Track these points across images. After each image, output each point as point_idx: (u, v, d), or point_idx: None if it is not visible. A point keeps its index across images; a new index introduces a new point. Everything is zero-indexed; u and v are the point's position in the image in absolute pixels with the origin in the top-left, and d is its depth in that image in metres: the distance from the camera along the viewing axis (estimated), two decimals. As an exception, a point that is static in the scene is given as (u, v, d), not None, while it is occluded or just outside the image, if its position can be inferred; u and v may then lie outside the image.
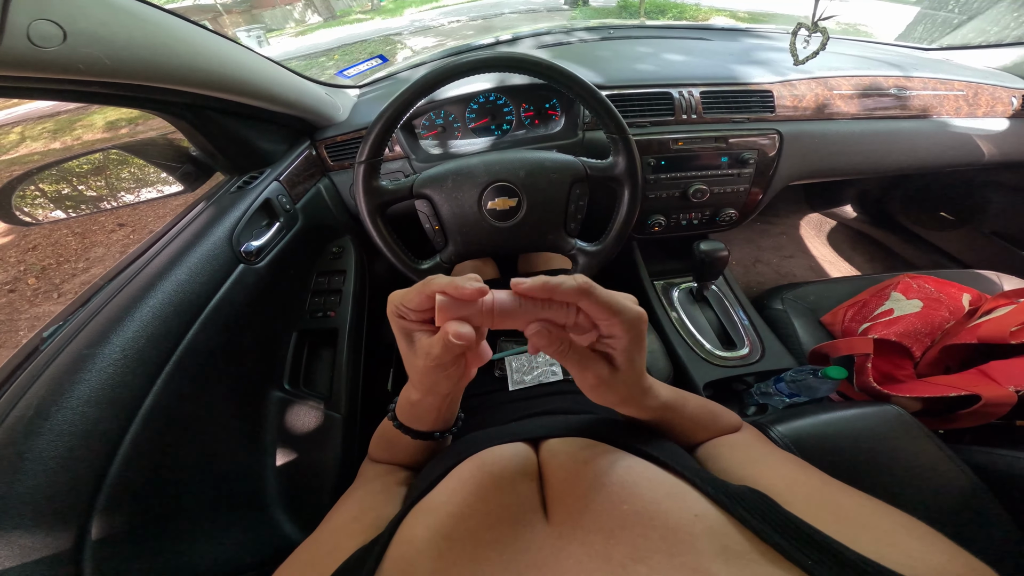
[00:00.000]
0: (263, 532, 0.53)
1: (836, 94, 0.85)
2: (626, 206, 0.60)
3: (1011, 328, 0.63)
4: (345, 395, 0.71)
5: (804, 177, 0.91)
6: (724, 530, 0.22)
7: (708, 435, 0.37)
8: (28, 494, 0.34)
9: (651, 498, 0.25)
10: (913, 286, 0.82)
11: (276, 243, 0.68)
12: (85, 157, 0.73)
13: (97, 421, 0.39)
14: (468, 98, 0.85)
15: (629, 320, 0.26)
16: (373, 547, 0.26)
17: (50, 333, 0.46)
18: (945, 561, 0.20)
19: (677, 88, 0.81)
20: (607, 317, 0.26)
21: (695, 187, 0.83)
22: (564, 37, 1.12)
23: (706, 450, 0.36)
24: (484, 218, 0.59)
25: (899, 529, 0.23)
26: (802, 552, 0.20)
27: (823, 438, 0.51)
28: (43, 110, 6.44)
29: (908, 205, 1.45)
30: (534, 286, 0.26)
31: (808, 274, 1.50)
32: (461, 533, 0.25)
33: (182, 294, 0.51)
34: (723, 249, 0.76)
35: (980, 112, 0.92)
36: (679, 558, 0.21)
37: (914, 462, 0.48)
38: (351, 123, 0.84)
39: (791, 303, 0.90)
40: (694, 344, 0.85)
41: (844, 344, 0.75)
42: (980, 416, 0.60)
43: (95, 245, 2.85)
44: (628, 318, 0.26)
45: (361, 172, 0.56)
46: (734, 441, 0.36)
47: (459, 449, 0.35)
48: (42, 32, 0.35)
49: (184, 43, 0.50)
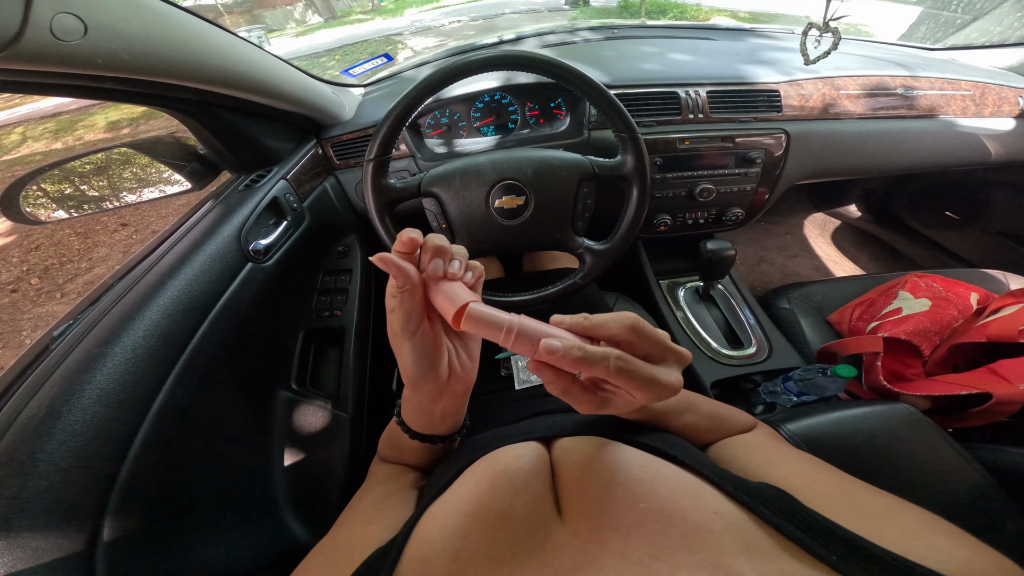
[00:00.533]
0: (272, 532, 0.53)
1: (843, 94, 0.85)
2: (635, 205, 0.60)
3: (1020, 327, 0.63)
4: (352, 395, 0.71)
5: (811, 177, 0.91)
6: (745, 527, 0.22)
7: (720, 435, 0.37)
8: (41, 495, 0.34)
9: (668, 496, 0.25)
10: (921, 285, 0.82)
11: (283, 242, 0.68)
12: (90, 156, 0.73)
13: (109, 421, 0.39)
14: (473, 97, 0.85)
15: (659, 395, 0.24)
16: (390, 548, 0.26)
17: (60, 332, 0.46)
18: (972, 556, 0.20)
19: (683, 88, 0.81)
20: (637, 388, 0.23)
21: (701, 186, 0.83)
22: (568, 37, 1.12)
23: (720, 450, 0.36)
24: (491, 216, 0.59)
25: (923, 525, 0.23)
26: (827, 548, 0.20)
27: (835, 436, 0.51)
28: (44, 110, 6.45)
29: (913, 204, 1.45)
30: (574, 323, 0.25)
31: (813, 273, 1.50)
32: (476, 533, 0.25)
33: (192, 292, 0.51)
34: (730, 248, 0.76)
35: (987, 112, 0.92)
36: (701, 555, 0.21)
37: (927, 460, 0.48)
38: (357, 122, 0.84)
39: (797, 302, 0.90)
40: (700, 343, 0.84)
41: (854, 343, 0.75)
42: (990, 415, 0.60)
43: (98, 245, 2.86)
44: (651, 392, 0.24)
45: (370, 170, 0.56)
46: (749, 440, 0.36)
47: (471, 449, 0.35)
48: (64, 25, 0.35)
49: (198, 39, 0.49)
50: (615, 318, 0.25)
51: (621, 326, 0.24)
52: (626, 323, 0.24)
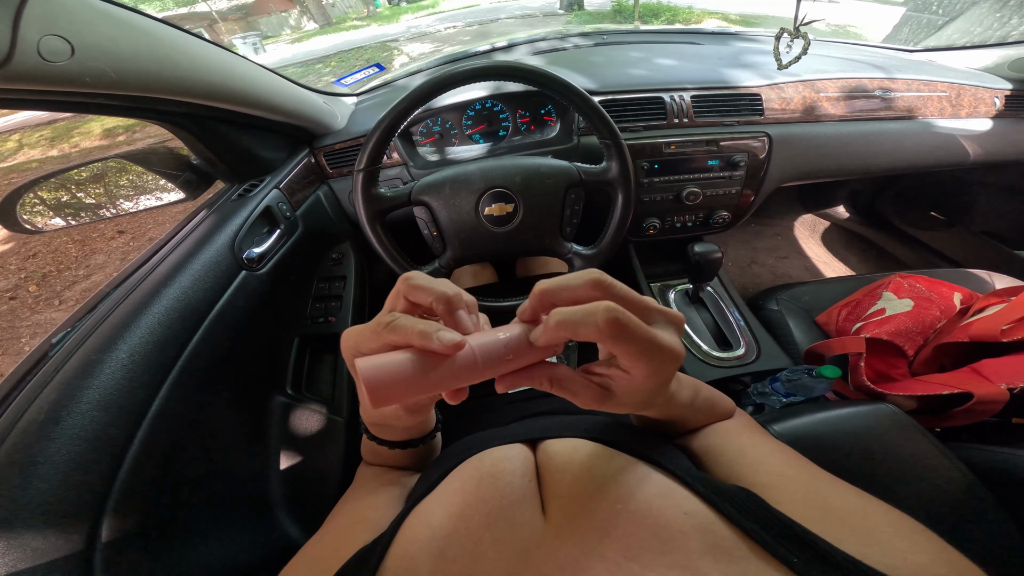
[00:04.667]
0: (268, 534, 0.54)
1: (823, 96, 0.87)
2: (620, 210, 0.62)
3: (1002, 326, 0.63)
4: (347, 399, 0.71)
5: (794, 179, 0.92)
6: (714, 528, 0.22)
7: (708, 421, 0.38)
8: (40, 497, 0.35)
9: (642, 497, 0.25)
10: (904, 285, 0.83)
11: (277, 250, 0.69)
12: (86, 166, 0.74)
13: (107, 425, 0.40)
14: (465, 105, 0.86)
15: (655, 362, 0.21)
16: (375, 547, 0.26)
17: (59, 339, 0.47)
18: (928, 561, 0.20)
19: (669, 93, 0.82)
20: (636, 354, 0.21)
21: (688, 190, 0.85)
22: (559, 43, 1.13)
23: (701, 440, 0.36)
24: (482, 223, 0.60)
25: (885, 527, 0.23)
26: (789, 550, 0.20)
27: (820, 437, 0.52)
28: (40, 118, 6.44)
29: (899, 205, 1.47)
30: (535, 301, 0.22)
31: (803, 274, 1.51)
32: (461, 533, 0.26)
33: (186, 300, 0.52)
34: (717, 251, 0.78)
35: (963, 113, 0.94)
36: (670, 556, 0.21)
37: (910, 460, 0.48)
38: (349, 131, 0.85)
39: (786, 303, 0.91)
40: (691, 345, 0.85)
41: (837, 343, 0.76)
42: (973, 414, 0.60)
43: (95, 252, 2.86)
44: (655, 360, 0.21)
45: (360, 180, 0.57)
46: (728, 428, 0.36)
47: (458, 450, 0.36)
48: (51, 47, 0.36)
49: (186, 55, 0.51)
50: (578, 276, 0.21)
51: (584, 281, 0.21)
52: (589, 278, 0.21)
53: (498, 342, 0.22)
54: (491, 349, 0.22)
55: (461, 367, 0.21)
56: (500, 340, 0.22)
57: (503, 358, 0.22)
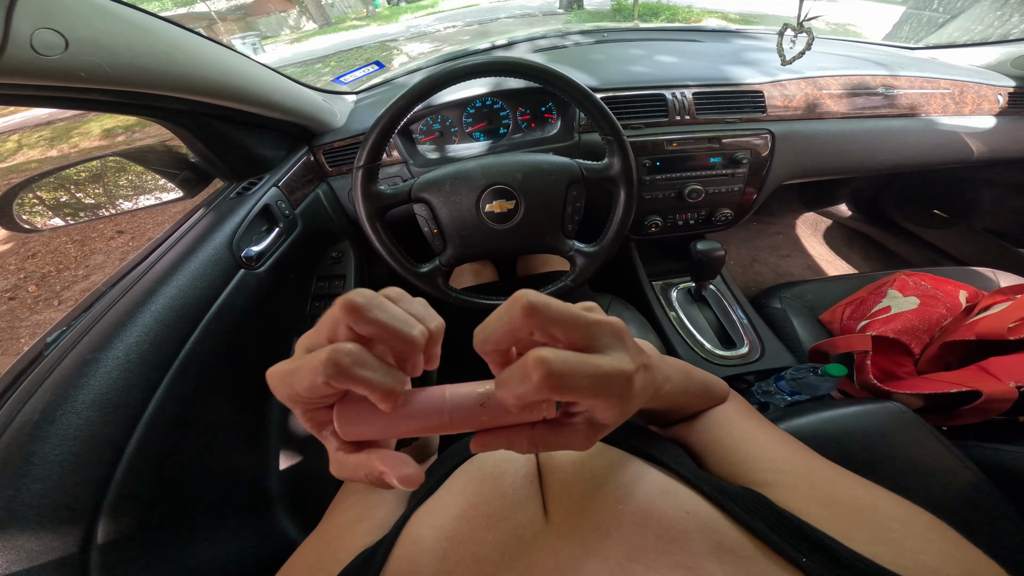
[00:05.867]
0: (267, 534, 0.54)
1: (825, 94, 0.86)
2: (622, 207, 0.61)
3: (1008, 324, 0.63)
4: None
5: (797, 176, 0.92)
6: (717, 527, 0.22)
7: (706, 405, 0.37)
8: (35, 497, 0.34)
9: (644, 497, 0.25)
10: (910, 283, 0.83)
11: (276, 248, 0.69)
12: (84, 164, 0.74)
13: (102, 425, 0.40)
14: (465, 102, 0.85)
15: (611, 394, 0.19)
16: (379, 548, 0.26)
17: (54, 338, 0.47)
18: (942, 564, 0.19)
19: (670, 89, 0.82)
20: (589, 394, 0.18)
21: (690, 187, 0.84)
22: (559, 41, 1.13)
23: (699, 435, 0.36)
24: (482, 221, 0.59)
25: (896, 523, 0.22)
26: (798, 550, 0.20)
27: (827, 436, 0.51)
28: (40, 118, 6.46)
29: (902, 203, 1.46)
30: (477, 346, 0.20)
31: (806, 273, 1.51)
32: (464, 534, 0.25)
33: (184, 299, 0.52)
34: (719, 249, 0.77)
35: (967, 110, 0.93)
36: (673, 556, 0.21)
37: (919, 458, 0.48)
38: (348, 129, 0.84)
39: (789, 302, 0.91)
40: (694, 344, 0.85)
41: (843, 341, 0.76)
42: (981, 412, 0.60)
43: (94, 252, 2.86)
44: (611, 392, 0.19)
45: (359, 177, 0.57)
46: (724, 418, 0.36)
47: (460, 451, 0.35)
48: (45, 41, 0.36)
49: (183, 51, 0.50)
50: (505, 307, 0.19)
51: (513, 314, 0.18)
52: (518, 307, 0.18)
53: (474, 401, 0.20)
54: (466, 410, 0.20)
55: (432, 425, 0.21)
56: (476, 397, 0.21)
57: (478, 418, 0.21)
